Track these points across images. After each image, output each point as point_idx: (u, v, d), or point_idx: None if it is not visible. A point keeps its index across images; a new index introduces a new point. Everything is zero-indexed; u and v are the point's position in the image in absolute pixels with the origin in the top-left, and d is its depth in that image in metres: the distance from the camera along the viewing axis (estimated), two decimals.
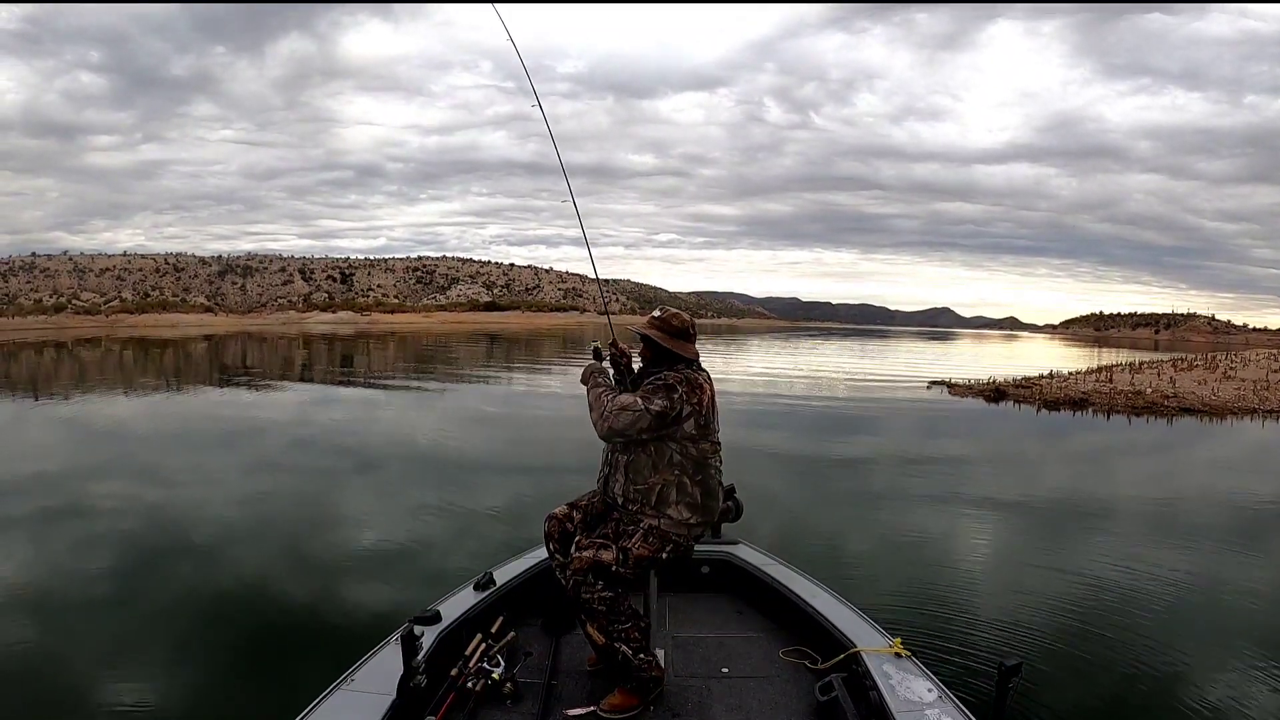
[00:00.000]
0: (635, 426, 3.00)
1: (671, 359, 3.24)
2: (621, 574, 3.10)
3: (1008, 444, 14.46)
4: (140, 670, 4.65)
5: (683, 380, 3.09)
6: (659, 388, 3.05)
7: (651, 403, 3.00)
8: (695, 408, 3.08)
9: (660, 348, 3.24)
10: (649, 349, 3.31)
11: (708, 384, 3.21)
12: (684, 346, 3.24)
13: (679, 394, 3.04)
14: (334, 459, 11.23)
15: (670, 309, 3.33)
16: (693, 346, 3.28)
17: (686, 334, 3.26)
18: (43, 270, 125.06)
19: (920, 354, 53.81)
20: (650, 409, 2.99)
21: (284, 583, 6.06)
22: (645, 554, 3.10)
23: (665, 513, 3.11)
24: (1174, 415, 18.36)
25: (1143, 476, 11.62)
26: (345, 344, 51.84)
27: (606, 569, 3.09)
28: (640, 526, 3.15)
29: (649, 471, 3.11)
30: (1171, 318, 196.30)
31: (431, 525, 7.72)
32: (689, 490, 3.12)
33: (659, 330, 3.24)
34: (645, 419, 2.99)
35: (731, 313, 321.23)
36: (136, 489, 9.18)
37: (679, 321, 3.26)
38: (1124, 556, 7.14)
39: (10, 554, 6.87)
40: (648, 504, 3.13)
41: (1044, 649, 5.10)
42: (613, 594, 3.09)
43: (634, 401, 3.01)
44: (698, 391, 3.10)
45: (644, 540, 3.11)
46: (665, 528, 3.11)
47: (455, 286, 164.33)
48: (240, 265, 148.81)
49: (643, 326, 3.27)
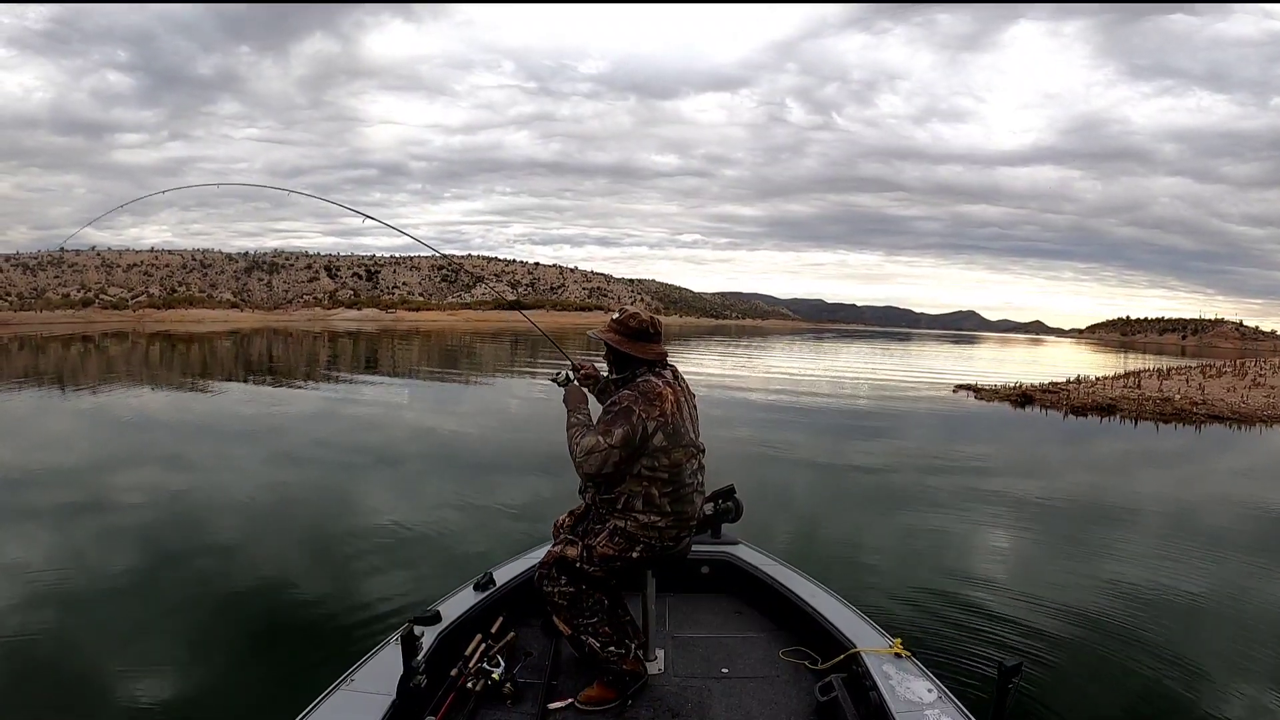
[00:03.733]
0: (608, 463, 2.99)
1: (633, 362, 3.19)
2: (586, 570, 3.13)
3: (1028, 449, 14.26)
4: (141, 667, 4.66)
5: (638, 398, 3.03)
6: (615, 415, 3.01)
7: (612, 435, 2.97)
8: (660, 420, 3.02)
9: (619, 351, 3.20)
10: (609, 353, 3.28)
11: (669, 387, 3.13)
12: (644, 348, 3.18)
13: (637, 414, 2.99)
14: (351, 455, 11.30)
15: (629, 309, 3.26)
16: (655, 346, 3.22)
17: (646, 334, 3.19)
18: (70, 265, 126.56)
19: (945, 358, 53.37)
20: (613, 443, 2.97)
21: (287, 581, 6.07)
22: (610, 553, 3.11)
23: (632, 516, 3.10)
24: (1202, 422, 18.02)
25: (1165, 483, 11.41)
26: (369, 340, 52.16)
27: (570, 564, 3.15)
28: (606, 526, 3.16)
29: (617, 480, 3.10)
30: (1199, 323, 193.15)
31: (439, 524, 7.71)
32: (657, 500, 3.09)
33: (616, 333, 3.19)
34: (613, 454, 2.98)
35: (756, 314, 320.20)
36: (151, 482, 9.27)
37: (636, 322, 3.19)
38: (1135, 562, 7.07)
39: (11, 538, 7.03)
40: (614, 508, 3.14)
41: (1045, 650, 5.08)
42: (574, 589, 3.15)
43: (597, 442, 2.99)
44: (658, 402, 3.04)
45: (609, 539, 3.13)
46: (632, 529, 3.10)
47: (480, 285, 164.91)
48: (267, 262, 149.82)
49: (600, 330, 3.23)
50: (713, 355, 41.35)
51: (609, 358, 3.31)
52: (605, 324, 3.24)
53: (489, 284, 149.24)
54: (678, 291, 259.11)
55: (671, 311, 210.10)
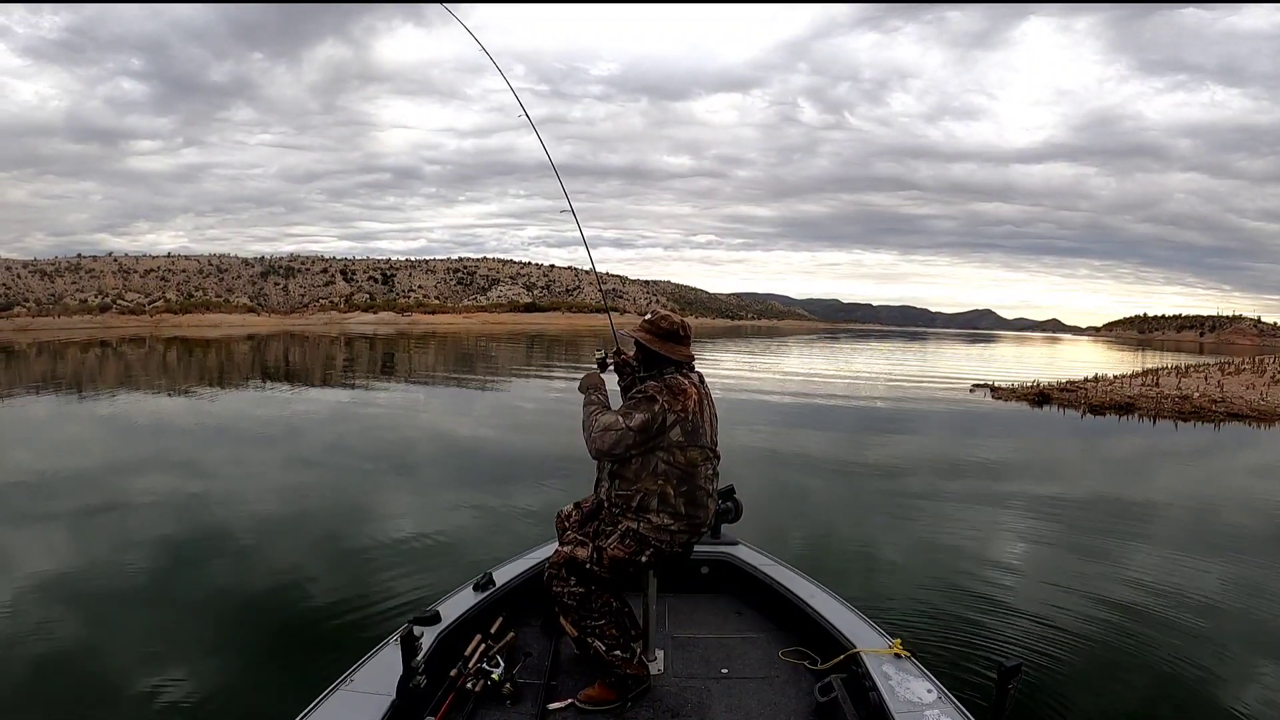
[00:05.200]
0: (621, 444, 3.03)
1: (662, 362, 3.22)
2: (595, 572, 3.13)
3: (1043, 448, 14.14)
4: (141, 666, 4.68)
5: (663, 389, 3.08)
6: (639, 401, 3.06)
7: (632, 419, 3.01)
8: (680, 415, 3.06)
9: (650, 350, 3.24)
10: (639, 352, 3.32)
11: (695, 388, 3.18)
12: (674, 349, 3.23)
13: (660, 404, 3.03)
14: (363, 458, 11.36)
15: (661, 311, 3.32)
16: (684, 349, 3.27)
17: (677, 336, 3.24)
18: (88, 271, 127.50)
19: (962, 357, 53.08)
20: (631, 426, 3.01)
21: (292, 582, 6.09)
22: (620, 555, 3.12)
23: (645, 518, 3.11)
24: (1221, 420, 17.86)
25: (1180, 482, 11.31)
26: (386, 344, 52.36)
27: (580, 565, 3.14)
28: (618, 528, 3.16)
29: (633, 478, 3.12)
30: (1216, 320, 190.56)
31: (449, 526, 7.72)
32: (672, 500, 3.10)
33: (648, 333, 3.24)
34: (629, 436, 3.01)
35: (772, 314, 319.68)
36: (163, 485, 9.34)
37: (668, 324, 3.25)
38: (1144, 563, 7.02)
39: (22, 538, 7.15)
40: (629, 508, 3.14)
41: (1045, 651, 5.06)
42: (584, 590, 3.15)
43: (615, 420, 3.04)
44: (681, 397, 3.08)
45: (620, 541, 3.13)
46: (644, 531, 3.11)
47: (496, 287, 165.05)
48: (283, 266, 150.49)
49: (633, 329, 3.28)
50: (729, 356, 41.38)
51: (638, 356, 3.37)
52: (638, 324, 3.29)
53: (505, 286, 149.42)
54: (693, 293, 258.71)
55: (687, 313, 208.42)
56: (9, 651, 4.82)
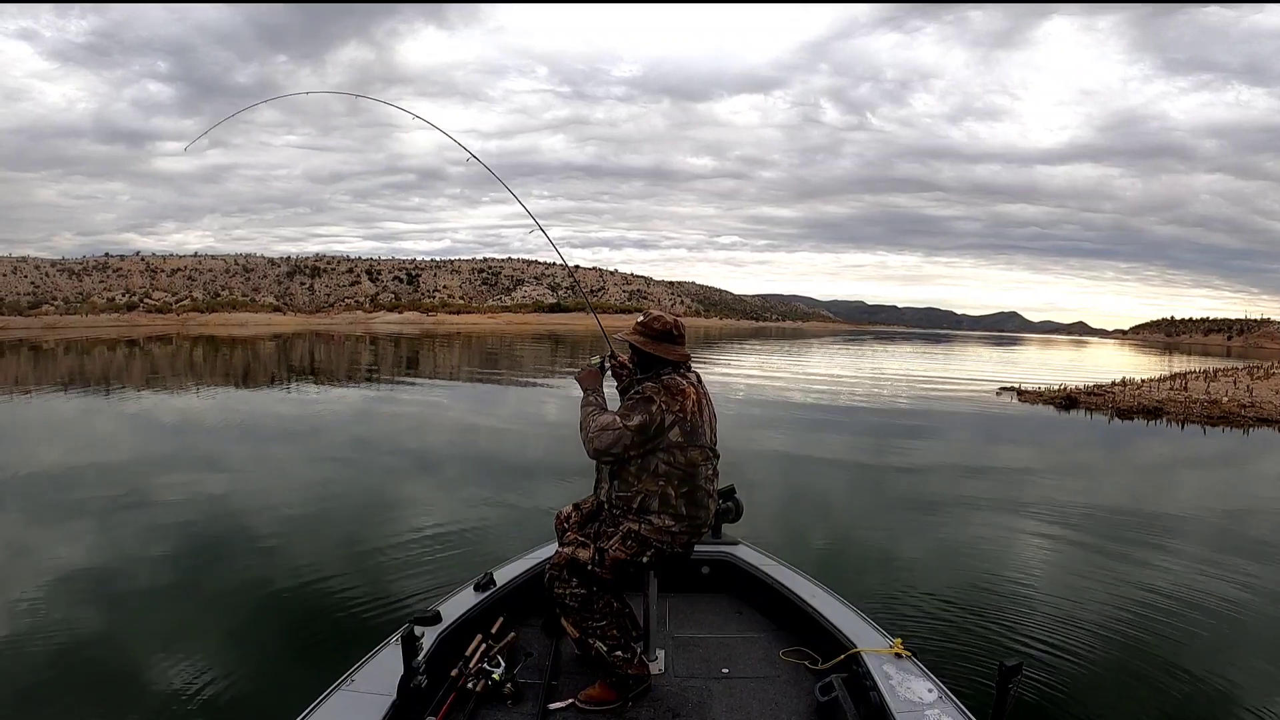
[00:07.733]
0: (619, 445, 3.02)
1: (658, 363, 3.21)
2: (597, 573, 3.13)
3: (1067, 453, 13.96)
4: (140, 666, 4.70)
5: (660, 390, 3.07)
6: (637, 402, 3.06)
7: (630, 419, 3.01)
8: (678, 415, 3.05)
9: (644, 352, 3.22)
10: (634, 354, 3.31)
11: (693, 388, 3.16)
12: (668, 349, 3.21)
13: (658, 404, 3.02)
14: (384, 457, 11.46)
15: (654, 312, 3.31)
16: (679, 349, 3.25)
17: (671, 336, 3.22)
18: (115, 270, 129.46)
19: (988, 360, 52.55)
20: (629, 426, 3.00)
21: (297, 584, 6.10)
22: (622, 556, 3.11)
23: (647, 519, 3.10)
24: (1250, 425, 17.58)
25: (1204, 487, 11.15)
26: (410, 343, 52.70)
27: (582, 567, 3.13)
28: (619, 529, 3.15)
29: (634, 480, 3.11)
30: (1244, 323, 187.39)
31: (462, 525, 7.74)
32: (673, 501, 3.10)
33: (640, 335, 3.22)
34: (627, 436, 3.01)
35: (796, 315, 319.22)
36: (185, 481, 9.44)
37: (660, 324, 3.23)
38: (1155, 565, 6.95)
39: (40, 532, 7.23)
40: (630, 510, 3.14)
41: (1046, 651, 5.03)
42: (586, 591, 3.14)
43: (613, 421, 3.04)
44: (679, 397, 3.07)
45: (622, 543, 3.12)
46: (645, 533, 3.10)
47: (520, 288, 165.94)
48: (309, 266, 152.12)
49: (627, 333, 3.26)
50: (751, 358, 41.26)
51: (634, 359, 3.36)
52: (631, 327, 3.27)
53: (530, 287, 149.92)
54: (717, 294, 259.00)
55: (712, 314, 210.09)
56: (21, 639, 4.92)
